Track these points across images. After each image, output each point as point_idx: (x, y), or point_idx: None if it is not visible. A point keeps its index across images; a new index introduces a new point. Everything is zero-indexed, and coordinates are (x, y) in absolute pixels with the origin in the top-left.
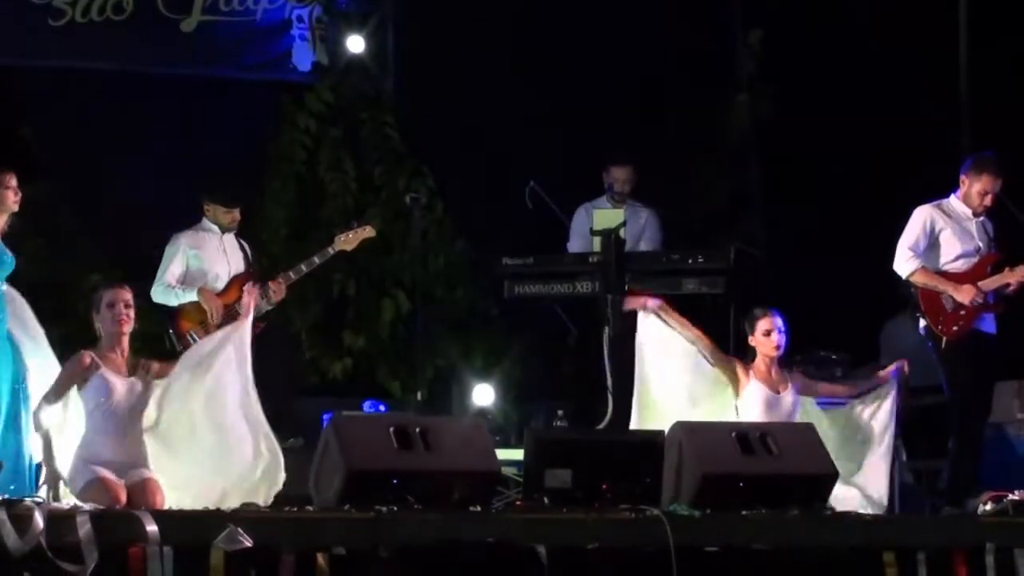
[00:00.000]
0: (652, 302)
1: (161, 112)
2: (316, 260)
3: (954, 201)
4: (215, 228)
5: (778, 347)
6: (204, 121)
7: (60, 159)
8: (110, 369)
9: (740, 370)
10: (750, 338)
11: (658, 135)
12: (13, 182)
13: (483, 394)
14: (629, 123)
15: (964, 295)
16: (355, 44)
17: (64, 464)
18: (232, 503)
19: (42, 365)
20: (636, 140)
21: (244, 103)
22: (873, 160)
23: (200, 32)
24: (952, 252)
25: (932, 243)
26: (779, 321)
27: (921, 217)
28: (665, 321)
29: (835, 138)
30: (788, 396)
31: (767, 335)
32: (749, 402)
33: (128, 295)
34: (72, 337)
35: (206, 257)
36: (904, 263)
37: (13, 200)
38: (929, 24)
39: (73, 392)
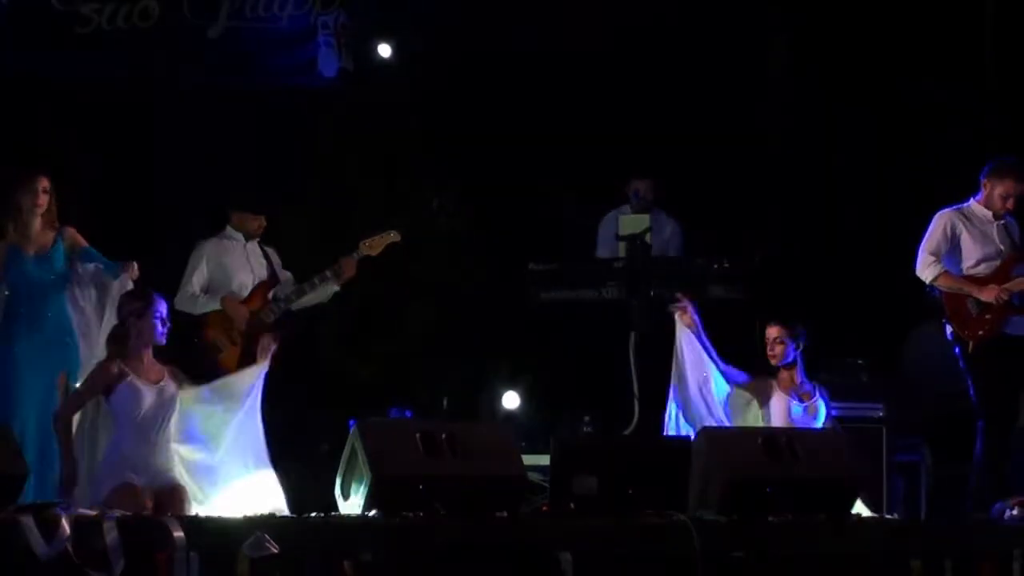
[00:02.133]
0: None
1: (187, 118)
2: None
3: (974, 205)
4: (239, 236)
5: (774, 356)
6: (230, 127)
7: (85, 166)
8: (138, 376)
9: (765, 386)
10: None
11: (686, 138)
12: (38, 186)
13: (509, 400)
14: (655, 127)
15: (988, 294)
16: (382, 50)
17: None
18: None
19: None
20: (662, 145)
21: (270, 109)
22: (899, 164)
23: (226, 38)
24: (973, 257)
25: (953, 248)
26: (780, 331)
27: (941, 222)
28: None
29: (861, 142)
30: (815, 404)
31: (766, 343)
32: (774, 412)
33: (165, 307)
34: None
35: (230, 265)
36: (926, 268)
37: (33, 203)
38: (955, 28)
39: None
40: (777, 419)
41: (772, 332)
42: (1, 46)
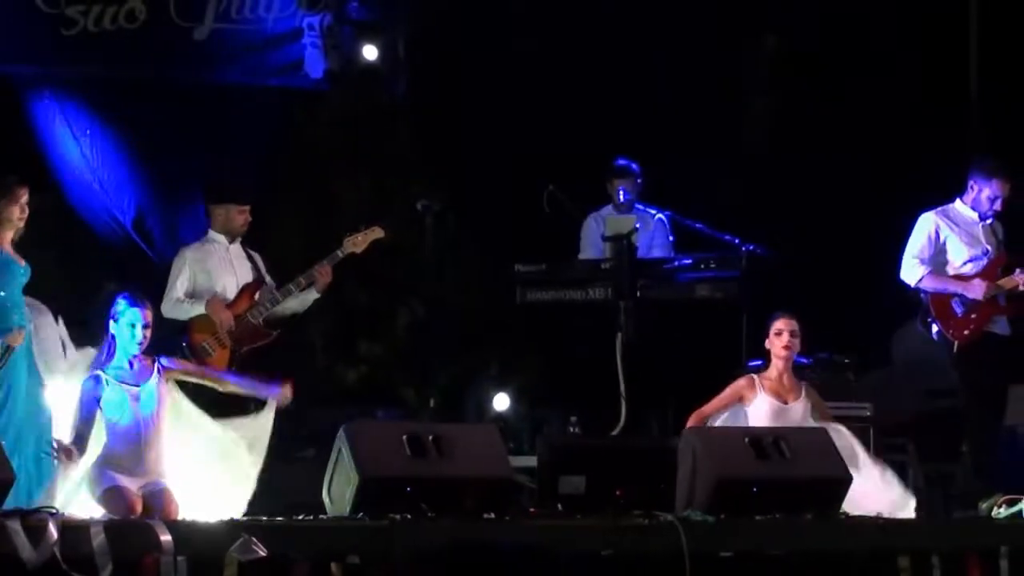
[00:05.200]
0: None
1: (173, 120)
2: (326, 263)
3: (959, 206)
4: (221, 239)
5: (787, 348)
6: (216, 129)
7: (69, 168)
8: (124, 382)
9: (746, 387)
10: (766, 340)
11: (672, 139)
12: (24, 198)
13: (497, 401)
14: (643, 128)
15: (975, 290)
16: (368, 52)
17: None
18: None
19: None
20: (649, 145)
21: (256, 111)
22: (886, 163)
23: (212, 40)
24: (960, 257)
25: (939, 250)
26: (793, 324)
27: (926, 225)
28: None
29: (847, 141)
30: (798, 405)
31: (778, 335)
32: (757, 413)
33: (150, 315)
34: (86, 344)
35: (213, 269)
36: (910, 271)
37: (19, 216)
38: (939, 27)
39: None
40: (758, 421)
41: (789, 324)
42: None
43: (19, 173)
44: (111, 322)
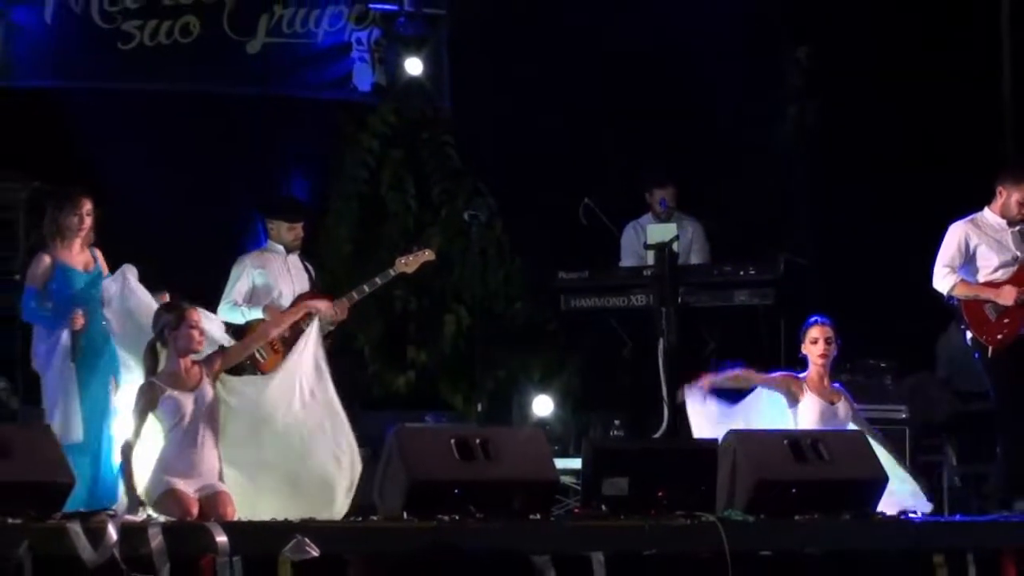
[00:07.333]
0: (700, 384)
1: (227, 132)
2: (378, 281)
3: (988, 214)
4: (280, 248)
5: (823, 356)
6: (268, 141)
7: (126, 181)
8: (176, 388)
9: (794, 386)
10: (802, 346)
11: (708, 148)
12: (86, 207)
13: (542, 405)
14: (680, 137)
15: (1006, 296)
16: (413, 66)
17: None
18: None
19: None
20: (686, 154)
21: (307, 124)
22: (920, 169)
23: (265, 54)
24: (990, 265)
25: (969, 259)
26: (828, 330)
27: (955, 235)
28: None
29: (882, 148)
30: (842, 407)
31: (814, 343)
32: (805, 413)
33: (197, 315)
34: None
35: (271, 276)
36: (942, 280)
37: (79, 226)
38: (972, 36)
39: None
40: (808, 421)
41: (824, 332)
42: (44, 63)
43: (78, 186)
44: (167, 330)
